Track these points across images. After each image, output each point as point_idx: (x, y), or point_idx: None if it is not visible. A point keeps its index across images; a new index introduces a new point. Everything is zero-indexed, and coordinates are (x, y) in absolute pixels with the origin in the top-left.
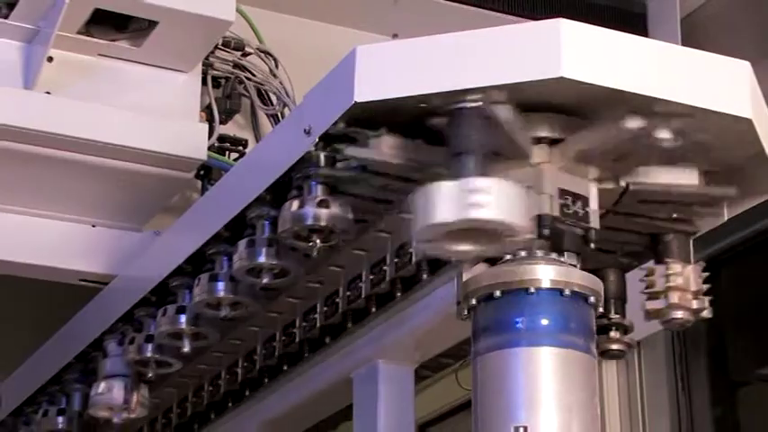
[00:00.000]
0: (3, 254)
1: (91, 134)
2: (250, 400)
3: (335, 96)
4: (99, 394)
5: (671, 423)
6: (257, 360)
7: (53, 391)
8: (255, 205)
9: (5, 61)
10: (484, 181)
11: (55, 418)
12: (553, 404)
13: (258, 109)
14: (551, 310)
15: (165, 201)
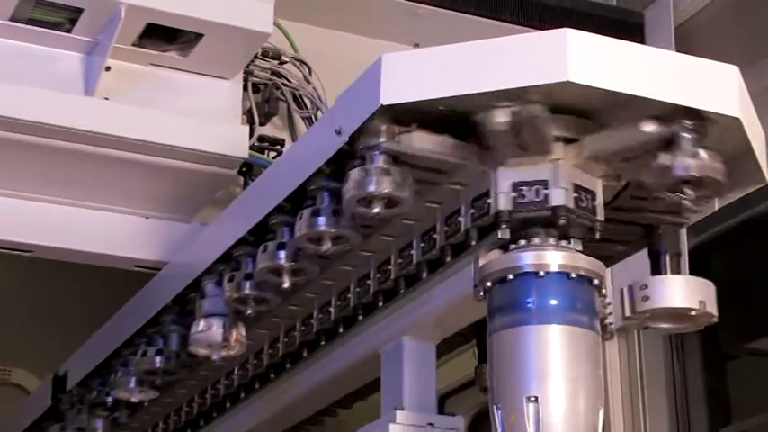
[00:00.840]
0: (66, 243)
1: (144, 136)
2: (290, 372)
3: (363, 99)
4: (198, 332)
5: (667, 393)
6: (296, 336)
7: (151, 332)
8: (294, 196)
9: (69, 71)
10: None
11: (153, 357)
12: (561, 376)
13: (294, 112)
14: (559, 291)
15: (211, 195)
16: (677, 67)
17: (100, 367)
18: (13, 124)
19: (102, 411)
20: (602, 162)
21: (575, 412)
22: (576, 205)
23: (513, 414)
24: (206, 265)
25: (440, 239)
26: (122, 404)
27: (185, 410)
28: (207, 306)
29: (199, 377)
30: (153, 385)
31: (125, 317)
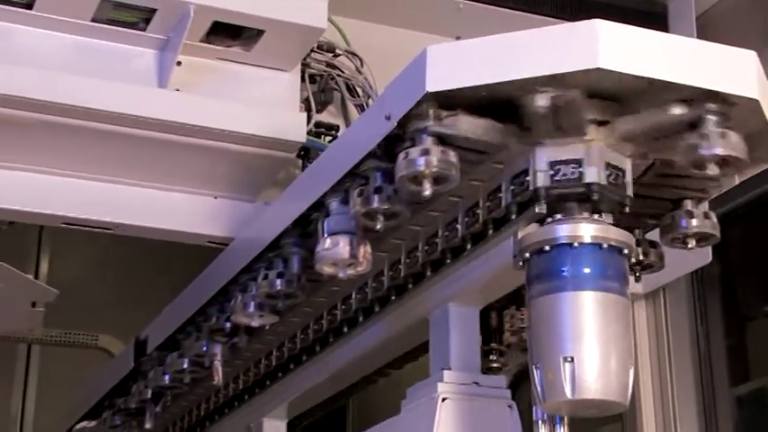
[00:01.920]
0: (144, 222)
1: (212, 123)
2: (348, 336)
3: (411, 87)
4: (325, 250)
5: (691, 352)
6: (352, 303)
7: (271, 256)
8: (348, 177)
9: (144, 66)
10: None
11: (275, 280)
12: (595, 338)
13: (347, 100)
14: (592, 260)
15: (273, 176)
16: (699, 53)
17: (186, 324)
18: (97, 115)
19: (220, 337)
20: (632, 142)
21: (607, 371)
22: (607, 182)
23: (551, 373)
24: (269, 240)
25: (482, 214)
26: (241, 330)
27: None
28: (332, 224)
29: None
30: (273, 310)
31: (213, 272)
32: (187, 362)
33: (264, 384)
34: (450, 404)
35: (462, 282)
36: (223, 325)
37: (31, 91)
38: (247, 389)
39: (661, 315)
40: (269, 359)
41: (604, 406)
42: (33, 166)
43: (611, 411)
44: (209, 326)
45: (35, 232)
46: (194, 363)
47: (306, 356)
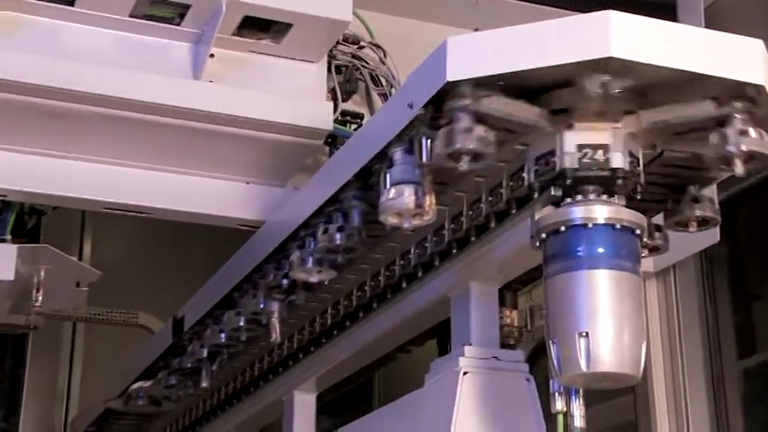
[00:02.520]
0: (179, 206)
1: (244, 112)
2: (373, 313)
3: (432, 77)
4: (389, 200)
5: (700, 327)
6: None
7: (330, 210)
8: (374, 160)
9: (179, 58)
10: None
11: (335, 234)
12: (608, 314)
13: (371, 90)
14: (606, 240)
15: (302, 162)
16: (708, 42)
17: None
18: (135, 106)
19: (277, 294)
20: (653, 133)
21: (621, 345)
22: (630, 167)
23: (567, 348)
24: (299, 223)
25: (506, 194)
26: (299, 286)
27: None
28: (396, 174)
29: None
30: (332, 265)
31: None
32: (243, 320)
33: (296, 359)
34: (471, 378)
35: (482, 261)
36: (280, 282)
37: (74, 84)
38: (280, 363)
39: (671, 292)
40: (301, 334)
41: (618, 378)
42: (77, 155)
43: (624, 384)
44: (266, 283)
45: (78, 217)
46: (251, 321)
47: (334, 333)
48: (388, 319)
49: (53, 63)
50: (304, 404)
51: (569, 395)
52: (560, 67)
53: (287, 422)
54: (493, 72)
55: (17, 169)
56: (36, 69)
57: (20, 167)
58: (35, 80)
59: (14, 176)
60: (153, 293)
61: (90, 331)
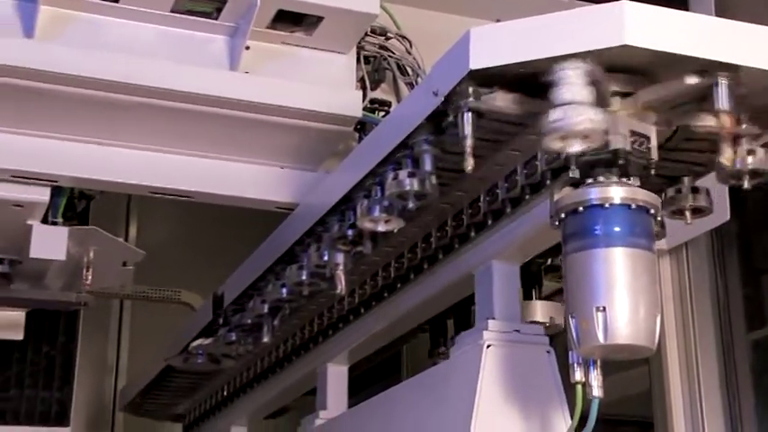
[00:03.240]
0: (218, 190)
1: (278, 101)
2: (402, 289)
3: (456, 65)
4: (556, 121)
5: (711, 302)
6: (404, 261)
7: (400, 156)
8: (403, 144)
9: (216, 50)
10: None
11: (405, 179)
12: (624, 289)
13: (398, 79)
14: (621, 220)
15: (333, 148)
16: (719, 30)
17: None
18: (176, 95)
19: (343, 246)
20: (654, 111)
21: (636, 319)
22: (631, 148)
23: (585, 321)
24: (331, 205)
25: (520, 180)
26: (365, 236)
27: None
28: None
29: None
30: (400, 213)
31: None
32: (306, 273)
33: (328, 334)
34: (494, 350)
35: (504, 240)
36: (345, 232)
37: (120, 76)
38: (313, 337)
39: (684, 269)
40: (332, 311)
41: (634, 350)
42: (123, 143)
43: (639, 355)
44: (330, 235)
45: (124, 201)
46: (314, 275)
47: (365, 309)
48: (415, 295)
49: (101, 56)
50: (336, 375)
51: (588, 366)
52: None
53: (321, 392)
54: (513, 60)
55: (67, 157)
56: (85, 63)
57: (70, 155)
58: (84, 73)
59: (65, 163)
60: (194, 272)
61: (136, 308)
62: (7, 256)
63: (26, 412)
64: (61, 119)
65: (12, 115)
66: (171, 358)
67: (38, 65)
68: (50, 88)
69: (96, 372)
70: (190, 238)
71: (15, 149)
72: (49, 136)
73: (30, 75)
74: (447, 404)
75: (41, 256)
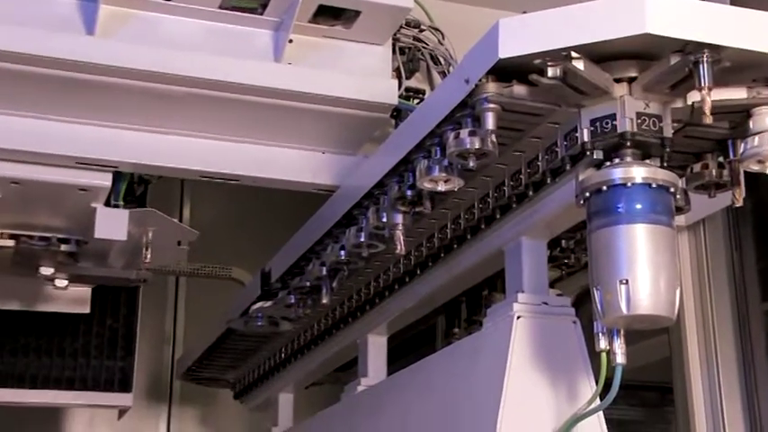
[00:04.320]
0: (264, 174)
1: (320, 90)
2: (437, 264)
3: (485, 55)
4: (754, 147)
5: (727, 274)
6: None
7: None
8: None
9: (262, 44)
10: None
11: (406, 191)
12: (646, 263)
13: (431, 68)
14: (643, 198)
15: (371, 134)
16: (733, 17)
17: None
18: (225, 86)
19: (402, 207)
20: (653, 92)
21: (657, 291)
22: (639, 129)
23: (609, 293)
24: (370, 186)
25: (542, 165)
26: (424, 197)
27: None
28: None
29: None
30: (460, 172)
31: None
32: (365, 235)
33: (368, 306)
34: (524, 321)
35: (532, 219)
36: (405, 193)
37: (173, 68)
38: (356, 310)
39: (701, 243)
40: (377, 281)
41: (655, 320)
42: (176, 130)
43: (660, 325)
44: (389, 197)
45: (178, 185)
46: (372, 236)
47: (396, 287)
48: (449, 269)
49: (155, 51)
50: (376, 345)
51: (611, 335)
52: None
53: (362, 361)
54: (538, 50)
55: (126, 144)
56: (141, 57)
57: (128, 142)
58: (140, 66)
59: (124, 150)
60: (244, 251)
61: (190, 284)
62: (74, 237)
63: (92, 379)
64: (120, 109)
65: (76, 107)
66: (232, 321)
67: (99, 59)
68: (110, 81)
69: (155, 342)
70: (239, 218)
71: (79, 138)
72: (109, 125)
73: (91, 69)
74: (479, 372)
75: (105, 236)
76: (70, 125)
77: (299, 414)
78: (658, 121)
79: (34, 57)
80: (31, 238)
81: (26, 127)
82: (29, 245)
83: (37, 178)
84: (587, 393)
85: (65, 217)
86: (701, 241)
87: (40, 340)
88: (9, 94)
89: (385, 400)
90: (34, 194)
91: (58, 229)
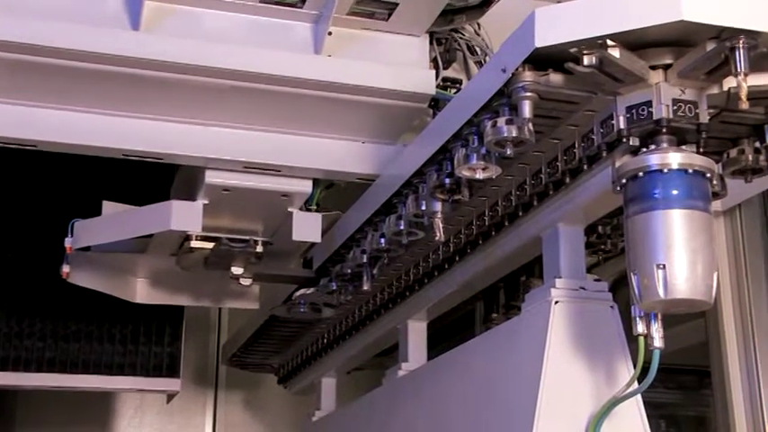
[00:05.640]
0: (307, 164)
1: (359, 81)
2: (476, 251)
3: (522, 44)
4: None
5: (764, 258)
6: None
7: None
8: (475, 116)
9: (302, 36)
10: None
11: (444, 179)
12: (683, 248)
13: (468, 58)
14: (679, 183)
15: (410, 123)
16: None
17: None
18: (266, 78)
19: (441, 195)
20: (689, 78)
21: (694, 275)
22: (674, 115)
23: (647, 278)
24: (410, 174)
25: (579, 153)
26: (462, 185)
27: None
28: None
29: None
30: (498, 160)
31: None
32: (404, 223)
33: (408, 293)
34: (562, 306)
35: (569, 205)
36: (443, 181)
37: (217, 61)
38: (396, 297)
39: (737, 228)
40: (417, 268)
41: (692, 304)
42: (221, 122)
43: (697, 309)
44: (428, 185)
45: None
46: (412, 224)
47: (435, 273)
48: (488, 256)
49: (198, 45)
50: (416, 331)
51: (649, 319)
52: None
53: (402, 346)
54: (574, 38)
55: (171, 137)
56: (185, 50)
57: (173, 135)
58: (184, 60)
59: (169, 143)
60: None
61: None
62: (263, 239)
63: (141, 365)
64: (165, 103)
65: (122, 101)
66: (275, 308)
67: (144, 54)
68: (155, 75)
69: (202, 329)
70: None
71: (125, 131)
72: (154, 119)
73: (137, 64)
74: (518, 356)
75: (302, 238)
76: (116, 119)
77: (341, 398)
78: (694, 108)
79: (81, 53)
80: (232, 241)
81: (75, 120)
82: (229, 247)
83: (247, 186)
84: (625, 377)
85: (260, 220)
86: (737, 226)
87: (90, 326)
88: (58, 90)
89: (425, 385)
90: (240, 200)
91: (253, 231)
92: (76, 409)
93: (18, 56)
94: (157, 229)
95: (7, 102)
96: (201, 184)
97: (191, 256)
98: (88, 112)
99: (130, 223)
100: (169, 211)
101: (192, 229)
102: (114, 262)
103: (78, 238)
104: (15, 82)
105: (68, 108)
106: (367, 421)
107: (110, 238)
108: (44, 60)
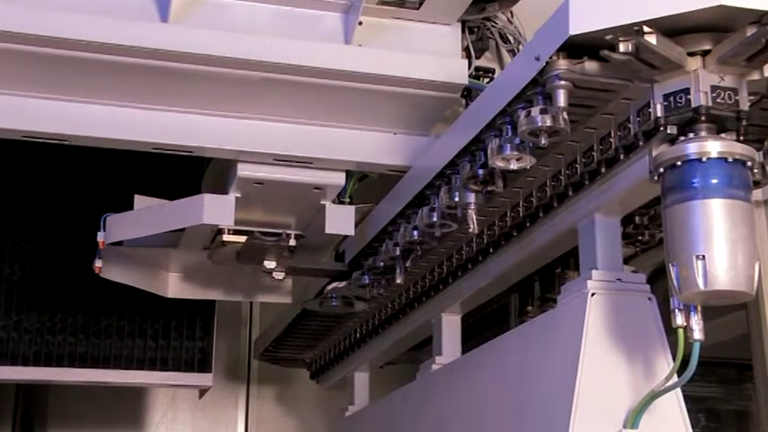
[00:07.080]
0: (339, 155)
1: (390, 72)
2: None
3: (556, 32)
4: None
5: None
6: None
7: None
8: (508, 106)
9: (332, 26)
10: None
11: (477, 170)
12: (723, 238)
13: (501, 47)
14: (719, 172)
15: (442, 114)
16: None
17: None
18: (296, 69)
19: (474, 186)
20: (729, 64)
21: (735, 266)
22: (713, 102)
23: (686, 269)
24: (443, 165)
25: (615, 142)
26: (496, 176)
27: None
28: None
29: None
30: (532, 150)
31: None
32: (437, 215)
33: (442, 286)
34: (599, 298)
35: (605, 196)
36: (476, 172)
37: (247, 53)
38: (429, 290)
39: None
40: (450, 260)
41: (733, 296)
42: (251, 115)
43: (738, 300)
44: (461, 176)
45: None
46: (445, 215)
47: (469, 266)
48: (523, 248)
49: (228, 36)
50: (450, 324)
51: (688, 311)
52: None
53: (436, 339)
54: (608, 25)
55: (202, 129)
56: (214, 42)
57: (204, 128)
58: (215, 52)
59: (200, 136)
60: None
61: None
62: (295, 232)
63: (173, 360)
64: (195, 95)
65: (152, 94)
66: (308, 302)
67: (173, 46)
68: (184, 67)
69: (233, 324)
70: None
71: (155, 124)
72: (184, 111)
73: (166, 56)
74: (555, 349)
75: (335, 231)
76: (146, 112)
77: (374, 393)
78: (734, 95)
79: (111, 46)
80: (264, 234)
81: (105, 114)
82: (261, 240)
83: (279, 179)
84: (664, 370)
85: (293, 213)
86: None
87: (121, 321)
88: (88, 84)
89: (459, 379)
90: (272, 193)
91: (286, 225)
92: (109, 405)
93: (48, 50)
94: (190, 223)
95: (38, 96)
96: (233, 178)
97: (223, 251)
98: (119, 106)
99: (162, 217)
100: (201, 204)
101: (224, 223)
102: (146, 256)
103: (110, 233)
104: (45, 76)
105: (99, 102)
106: (400, 416)
107: (142, 233)
108: (74, 54)
